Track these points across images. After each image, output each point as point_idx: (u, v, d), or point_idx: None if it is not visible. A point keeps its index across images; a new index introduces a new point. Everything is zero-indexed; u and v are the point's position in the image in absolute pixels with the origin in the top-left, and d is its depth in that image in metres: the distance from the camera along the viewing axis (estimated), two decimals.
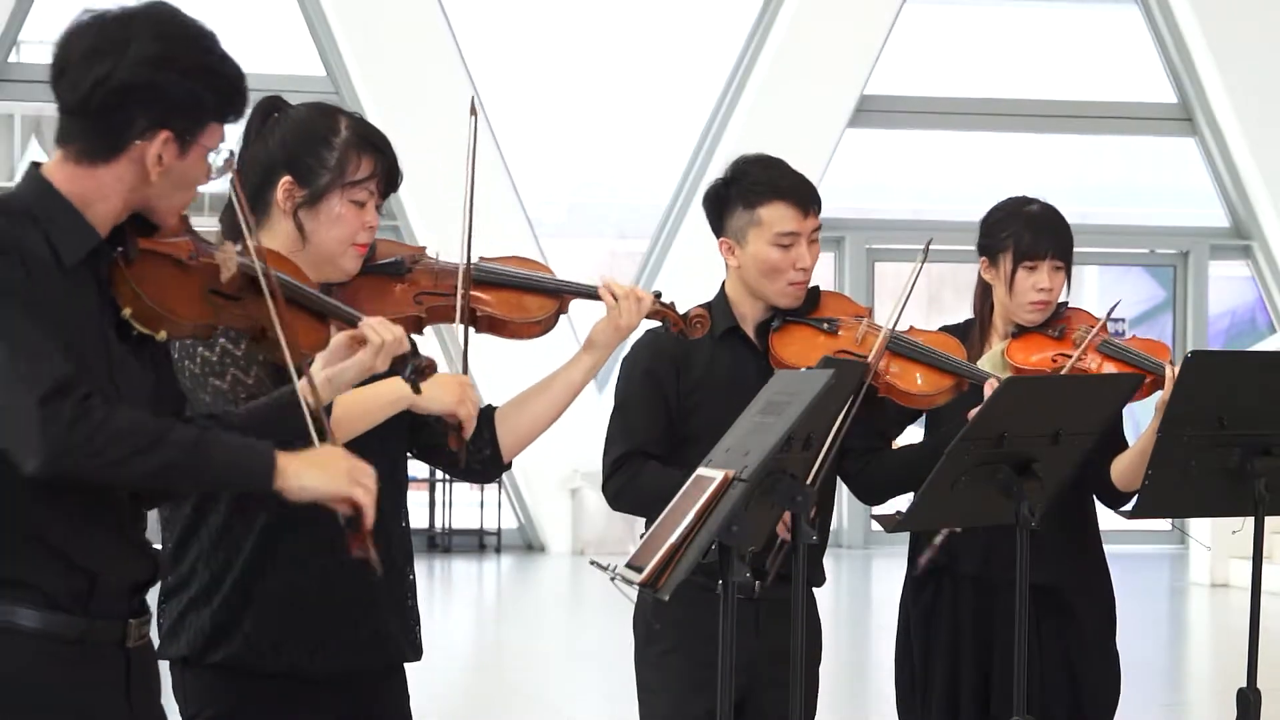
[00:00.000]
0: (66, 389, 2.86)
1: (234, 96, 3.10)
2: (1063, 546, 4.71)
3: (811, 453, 3.57)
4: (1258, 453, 4.38)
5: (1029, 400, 4.14)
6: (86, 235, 3.01)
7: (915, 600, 4.85)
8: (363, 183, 3.65)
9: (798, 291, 4.46)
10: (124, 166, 3.02)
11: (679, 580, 3.25)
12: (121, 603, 3.08)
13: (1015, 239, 4.77)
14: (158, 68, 2.99)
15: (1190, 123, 17.25)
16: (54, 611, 2.98)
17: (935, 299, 18.60)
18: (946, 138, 17.61)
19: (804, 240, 4.45)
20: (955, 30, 17.93)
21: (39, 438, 2.85)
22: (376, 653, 3.70)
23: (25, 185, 3.05)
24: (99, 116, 3.00)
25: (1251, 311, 18.72)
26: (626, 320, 3.85)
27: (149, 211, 3.08)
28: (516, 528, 16.68)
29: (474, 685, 10.03)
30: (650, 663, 4.45)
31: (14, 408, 2.86)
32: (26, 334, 2.88)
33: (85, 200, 3.02)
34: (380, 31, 15.46)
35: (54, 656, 2.99)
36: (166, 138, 3.01)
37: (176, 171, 3.04)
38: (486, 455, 3.87)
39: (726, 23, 16.93)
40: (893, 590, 5.08)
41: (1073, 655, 4.75)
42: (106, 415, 2.88)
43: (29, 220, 2.98)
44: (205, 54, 3.05)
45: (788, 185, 4.48)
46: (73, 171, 3.03)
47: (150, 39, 2.99)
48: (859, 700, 9.76)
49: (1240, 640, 4.61)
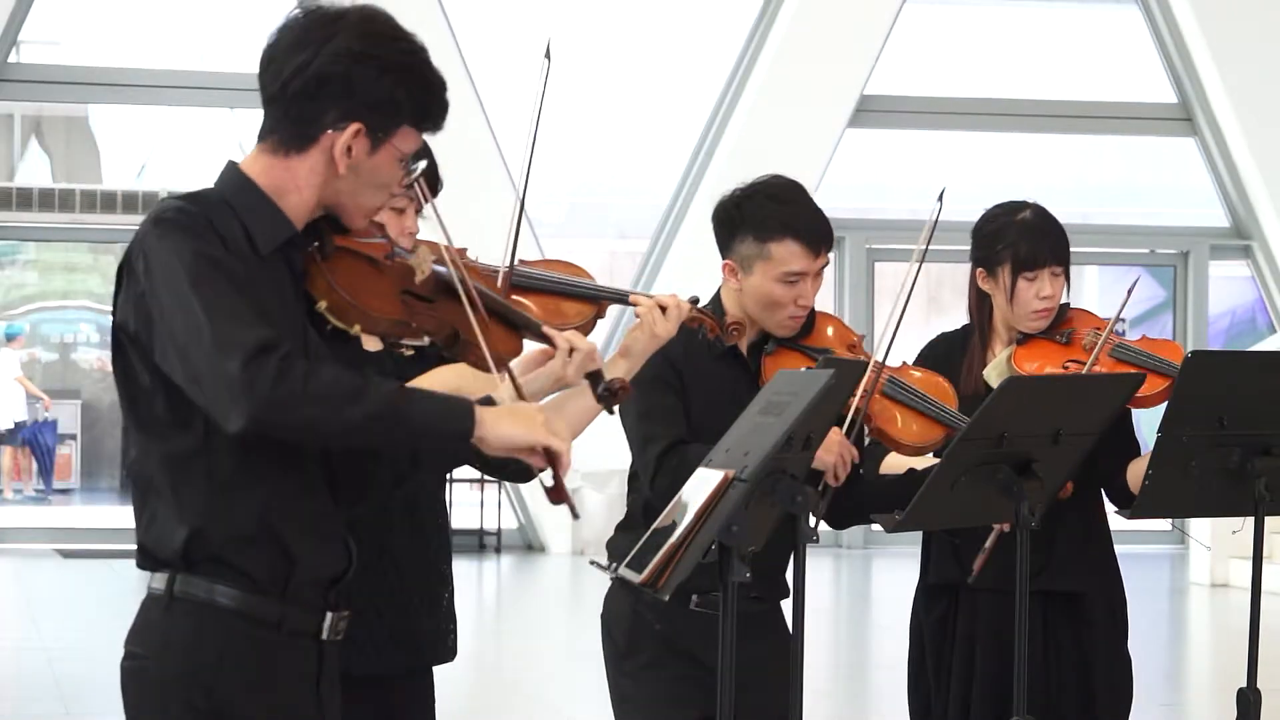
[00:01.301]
0: (270, 348, 2.88)
1: (432, 103, 3.12)
2: (1084, 553, 4.71)
3: (811, 453, 3.56)
4: (1258, 453, 4.38)
5: (1029, 400, 4.14)
6: (282, 225, 3.06)
7: (928, 611, 4.82)
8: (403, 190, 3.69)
9: (795, 325, 4.39)
10: (315, 157, 3.06)
11: (679, 580, 3.25)
12: (319, 594, 3.09)
13: (1013, 250, 4.72)
14: (356, 60, 3.03)
15: (1190, 123, 17.26)
16: (253, 593, 3.00)
17: (935, 299, 18.61)
18: (946, 138, 17.62)
19: (810, 279, 4.36)
20: (955, 30, 17.94)
21: (244, 395, 2.86)
22: (406, 653, 3.71)
23: (222, 179, 3.10)
24: (293, 103, 3.04)
25: (1251, 311, 18.73)
26: (663, 328, 3.82)
27: (339, 209, 3.11)
28: (516, 528, 16.68)
29: (474, 685, 10.02)
30: (628, 675, 4.38)
31: (217, 371, 2.88)
32: (227, 301, 2.91)
33: (280, 191, 3.07)
34: None
35: (251, 639, 3.00)
36: (357, 130, 3.04)
37: (366, 169, 3.08)
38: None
39: (727, 23, 16.93)
40: (893, 590, 5.07)
41: (1089, 660, 4.74)
42: (311, 369, 2.90)
43: (226, 209, 3.04)
44: (406, 55, 3.08)
45: (803, 225, 4.35)
46: (268, 163, 3.08)
47: (355, 35, 3.04)
48: (859, 700, 9.77)
49: (1240, 640, 4.61)
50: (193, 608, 3.00)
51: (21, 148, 21.36)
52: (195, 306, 2.91)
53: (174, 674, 2.99)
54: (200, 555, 3.00)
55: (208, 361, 2.89)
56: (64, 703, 8.82)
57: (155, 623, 3.03)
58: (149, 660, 3.02)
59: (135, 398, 3.04)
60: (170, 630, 3.01)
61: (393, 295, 3.16)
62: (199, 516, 2.99)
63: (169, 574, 3.01)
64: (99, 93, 16.77)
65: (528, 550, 16.52)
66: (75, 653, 10.39)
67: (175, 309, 2.93)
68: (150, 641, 3.03)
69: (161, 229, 2.98)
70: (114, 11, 17.51)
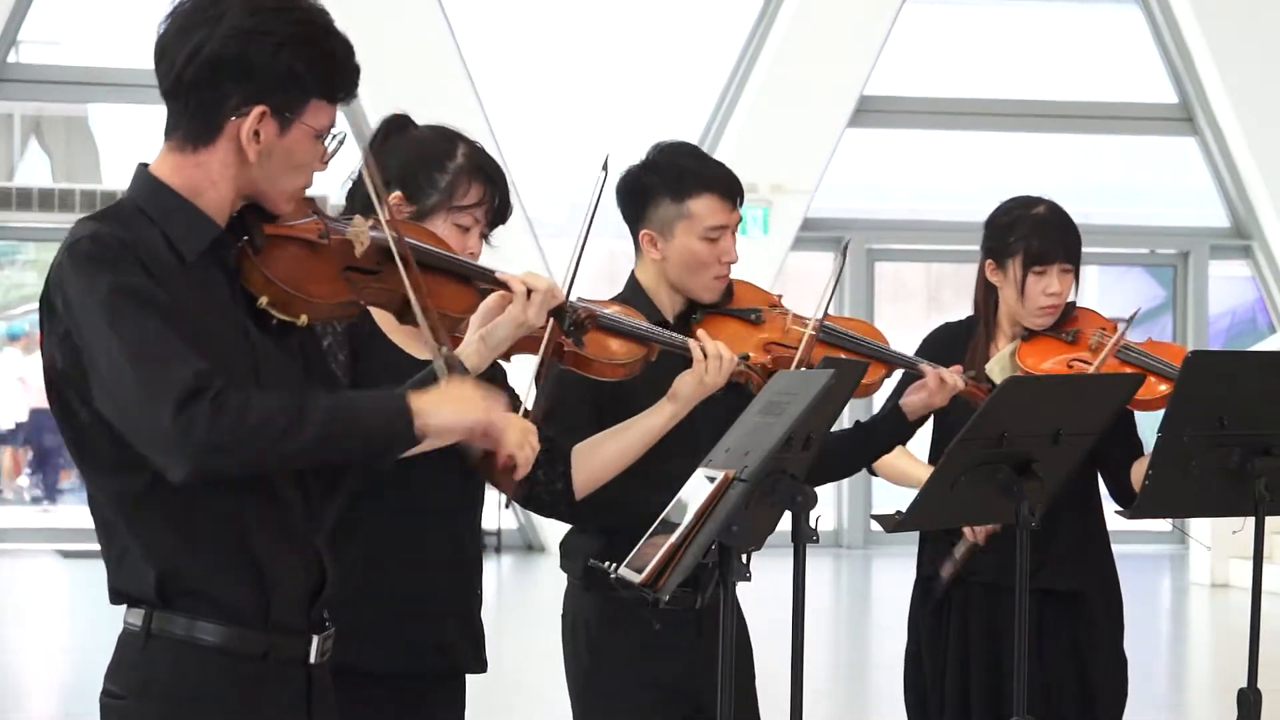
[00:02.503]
0: (199, 391, 2.73)
1: (336, 72, 2.94)
2: (1082, 553, 4.72)
3: (811, 453, 3.56)
4: (1258, 453, 4.38)
5: (1029, 400, 4.14)
6: (204, 226, 2.91)
7: (924, 606, 4.83)
8: (469, 208, 3.73)
9: (721, 285, 4.37)
10: (224, 148, 2.90)
11: (680, 580, 3.25)
12: (300, 616, 2.96)
13: (1025, 244, 4.73)
14: (249, 39, 2.85)
15: (1190, 122, 17.24)
16: (234, 625, 2.88)
17: (935, 298, 18.59)
18: (947, 138, 17.60)
19: (730, 233, 4.34)
20: (955, 30, 17.92)
21: (180, 446, 2.72)
22: (432, 657, 3.70)
23: (134, 186, 2.95)
24: (192, 94, 2.88)
25: (1252, 311, 18.71)
26: (712, 379, 3.92)
27: (260, 197, 2.96)
28: (516, 528, 16.67)
29: (475, 685, 10.02)
30: (591, 687, 4.33)
31: (148, 419, 2.74)
32: (150, 340, 2.75)
33: (194, 190, 2.90)
34: (381, 32, 15.46)
35: (232, 674, 2.89)
36: (262, 113, 2.88)
37: (280, 152, 2.92)
38: (559, 489, 3.91)
39: (727, 22, 16.92)
40: (893, 590, 5.07)
41: (1086, 659, 4.75)
42: (244, 404, 2.75)
43: (143, 220, 2.88)
44: (301, 25, 2.90)
45: (717, 176, 4.34)
46: (177, 161, 2.92)
47: (243, 11, 2.87)
48: (859, 700, 9.77)
49: (1241, 640, 4.61)
50: (170, 644, 2.88)
51: (21, 148, 21.34)
52: (116, 350, 2.75)
53: (154, 715, 2.88)
54: (175, 591, 2.87)
55: (138, 412, 2.75)
56: (64, 703, 8.83)
57: (133, 661, 2.91)
58: (128, 701, 2.91)
59: (77, 436, 2.88)
60: (149, 669, 2.89)
61: (335, 276, 3.04)
62: (166, 555, 2.86)
63: (145, 610, 2.89)
64: (99, 93, 16.77)
65: (528, 550, 16.52)
66: (75, 653, 10.39)
67: (100, 352, 2.77)
68: (129, 681, 2.91)
69: (74, 261, 2.81)
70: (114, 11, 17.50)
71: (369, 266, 3.10)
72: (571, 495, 3.91)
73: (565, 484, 3.90)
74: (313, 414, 2.81)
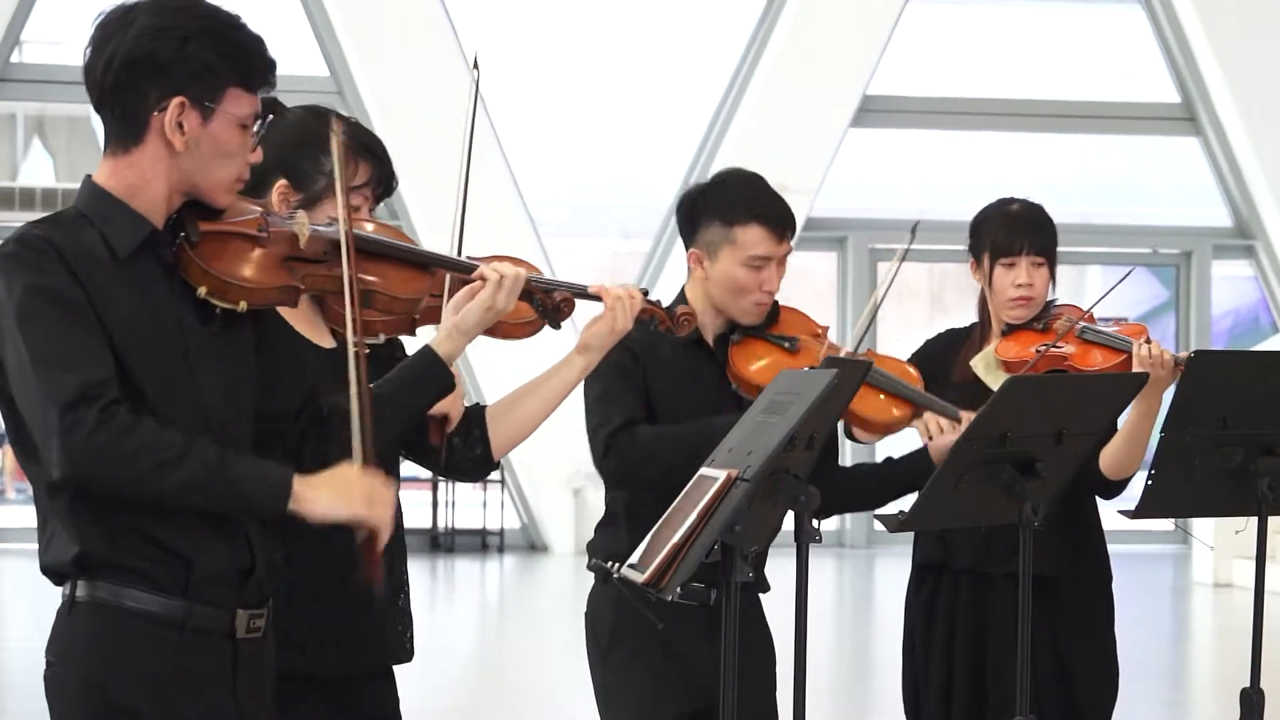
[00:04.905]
0: (91, 397, 2.92)
1: (248, 61, 3.10)
2: (1057, 538, 4.70)
3: (814, 453, 3.56)
4: (1261, 452, 4.38)
5: (1031, 400, 4.14)
6: (138, 225, 3.07)
7: (916, 594, 4.87)
8: (359, 189, 3.63)
9: (762, 311, 4.47)
10: (153, 144, 3.06)
11: (682, 580, 3.25)
12: (228, 591, 3.11)
13: (992, 238, 4.81)
14: (156, 37, 3.03)
15: (1193, 122, 17.25)
16: (157, 593, 3.04)
17: (937, 298, 18.60)
18: (949, 137, 17.61)
19: (775, 264, 4.44)
20: (958, 30, 17.94)
21: (60, 448, 2.93)
22: (370, 654, 3.68)
23: (79, 194, 3.12)
24: (115, 99, 3.06)
25: (1254, 311, 18.73)
26: (621, 323, 3.76)
27: (197, 191, 3.11)
28: (519, 528, 16.68)
29: (476, 685, 10.03)
30: (613, 667, 4.42)
31: (41, 416, 2.95)
32: (55, 342, 2.95)
33: (130, 191, 3.07)
34: (383, 31, 15.46)
35: (160, 640, 3.05)
36: (181, 103, 3.04)
37: (206, 142, 3.07)
38: (477, 454, 3.83)
39: (730, 22, 16.93)
40: (895, 590, 5.08)
41: (1063, 648, 4.75)
42: (131, 425, 2.94)
43: (83, 224, 3.06)
44: (205, 19, 3.07)
45: (766, 208, 4.44)
46: (114, 166, 3.09)
47: (150, 14, 3.05)
48: (859, 700, 9.77)
49: (1243, 640, 4.61)
50: (91, 610, 3.05)
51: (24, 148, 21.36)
52: (22, 349, 2.95)
53: (76, 678, 3.06)
54: (95, 563, 3.04)
55: (34, 408, 2.96)
56: None
57: (61, 629, 3.09)
58: (58, 666, 3.09)
59: (14, 426, 3.08)
60: (73, 635, 3.07)
61: (274, 264, 3.16)
62: (86, 534, 3.04)
63: (70, 581, 3.07)
64: None
65: (531, 550, 16.52)
66: None
67: (11, 349, 2.98)
68: (58, 648, 3.10)
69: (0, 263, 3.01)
70: None
71: (313, 256, 3.22)
72: (490, 457, 3.82)
73: (484, 448, 3.80)
74: (194, 460, 2.97)
